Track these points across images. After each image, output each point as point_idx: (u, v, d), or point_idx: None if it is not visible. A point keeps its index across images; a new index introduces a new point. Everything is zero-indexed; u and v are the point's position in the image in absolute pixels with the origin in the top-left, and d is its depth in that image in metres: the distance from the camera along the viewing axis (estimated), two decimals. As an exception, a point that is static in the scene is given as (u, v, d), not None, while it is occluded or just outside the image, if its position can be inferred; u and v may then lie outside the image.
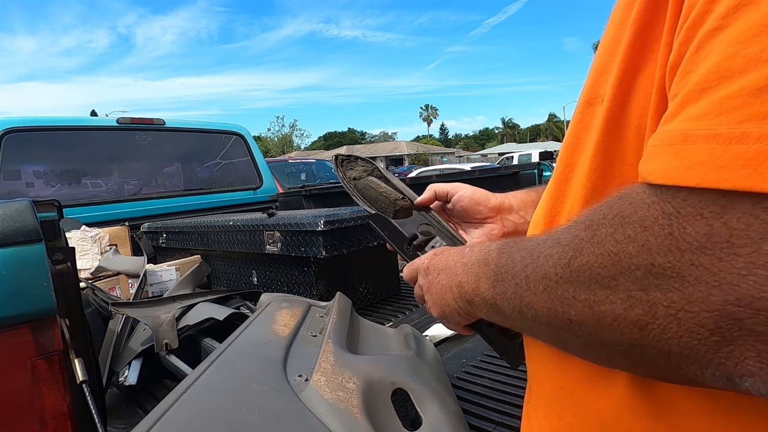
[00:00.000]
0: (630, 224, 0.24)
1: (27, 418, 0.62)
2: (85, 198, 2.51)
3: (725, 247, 0.20)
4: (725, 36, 0.22)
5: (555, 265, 0.28)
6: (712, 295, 0.21)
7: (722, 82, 0.21)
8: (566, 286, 0.27)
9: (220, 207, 2.91)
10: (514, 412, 0.80)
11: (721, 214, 0.21)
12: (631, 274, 0.23)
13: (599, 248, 0.25)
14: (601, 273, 0.25)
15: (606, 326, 0.25)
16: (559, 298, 0.28)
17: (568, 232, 0.28)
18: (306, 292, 1.44)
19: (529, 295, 0.30)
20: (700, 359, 0.22)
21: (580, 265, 0.26)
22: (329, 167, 7.46)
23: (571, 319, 0.27)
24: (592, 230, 0.26)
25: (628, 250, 0.24)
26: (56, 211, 0.85)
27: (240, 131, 3.19)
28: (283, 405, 0.58)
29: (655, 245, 0.23)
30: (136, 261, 1.78)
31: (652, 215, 0.23)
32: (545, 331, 0.31)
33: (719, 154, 0.21)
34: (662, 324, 0.23)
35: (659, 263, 0.22)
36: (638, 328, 0.24)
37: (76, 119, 2.57)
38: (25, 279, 0.60)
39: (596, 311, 0.25)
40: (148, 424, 0.50)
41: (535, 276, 0.30)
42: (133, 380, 1.03)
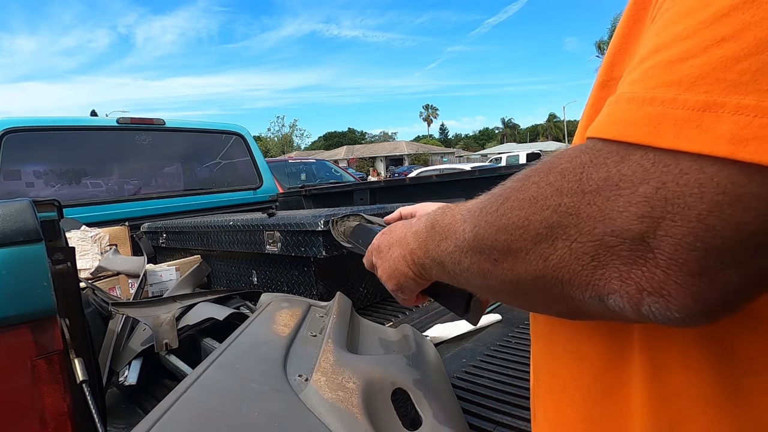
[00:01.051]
0: (553, 172, 0.27)
1: (27, 418, 0.62)
2: (85, 198, 2.51)
3: (614, 189, 0.24)
4: (666, 16, 0.25)
5: (487, 213, 0.32)
6: (596, 228, 0.25)
7: (653, 54, 0.25)
8: (491, 230, 0.31)
9: (220, 207, 2.91)
10: (514, 412, 0.80)
11: (618, 163, 0.24)
12: (541, 213, 0.27)
13: (523, 194, 0.29)
14: (519, 214, 0.28)
15: (519, 261, 0.29)
16: (485, 240, 0.31)
17: (502, 186, 0.32)
18: (306, 292, 1.44)
19: (465, 244, 0.34)
20: (581, 282, 0.26)
21: (506, 210, 0.30)
22: (329, 167, 7.46)
23: (496, 258, 0.31)
24: (521, 181, 0.30)
25: (545, 194, 0.27)
26: (56, 211, 0.85)
27: (240, 131, 3.19)
28: (283, 405, 0.58)
29: (566, 189, 0.26)
30: (136, 261, 1.78)
31: (572, 166, 0.26)
32: (476, 277, 0.35)
33: (633, 112, 0.24)
34: (560, 255, 0.27)
35: (565, 203, 0.26)
36: (542, 259, 0.28)
37: (76, 119, 2.57)
38: (25, 279, 0.60)
39: (513, 248, 0.29)
40: (148, 424, 0.50)
41: (469, 226, 0.34)
42: (133, 380, 1.03)
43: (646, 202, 0.23)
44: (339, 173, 7.25)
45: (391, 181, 2.72)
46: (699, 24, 0.23)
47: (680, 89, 0.23)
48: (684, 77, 0.23)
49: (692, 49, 0.23)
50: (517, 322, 1.22)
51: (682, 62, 0.23)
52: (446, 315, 1.34)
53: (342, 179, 6.60)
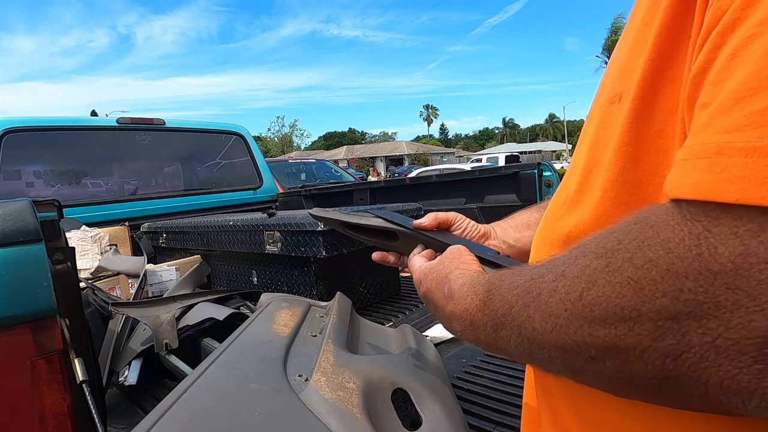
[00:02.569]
0: (651, 247, 0.22)
1: (27, 417, 0.62)
2: (85, 198, 2.51)
3: (764, 269, 0.19)
4: (762, 43, 0.21)
5: (563, 301, 0.26)
6: (754, 321, 0.19)
7: (759, 92, 0.20)
8: (579, 323, 0.25)
9: (220, 207, 2.91)
10: (514, 412, 0.80)
11: (758, 233, 0.19)
12: (655, 302, 0.21)
13: (615, 276, 0.23)
14: (620, 304, 0.23)
15: (633, 361, 0.23)
16: (572, 337, 0.25)
17: (575, 264, 0.26)
18: (306, 292, 1.44)
19: (537, 337, 0.28)
20: (742, 390, 0.20)
21: (594, 298, 0.24)
22: (329, 167, 7.46)
23: (593, 356, 0.25)
24: (605, 258, 0.24)
25: (650, 276, 0.22)
26: (56, 211, 0.85)
27: (240, 131, 3.19)
28: (283, 405, 0.58)
29: (683, 269, 0.21)
30: (136, 261, 1.78)
31: (678, 236, 0.21)
32: (562, 371, 0.29)
33: (761, 168, 0.19)
34: (698, 353, 0.21)
35: (689, 288, 0.20)
36: (671, 359, 0.21)
37: (76, 119, 2.57)
38: (25, 279, 0.60)
39: (620, 345, 0.23)
40: (148, 424, 0.50)
41: (540, 316, 0.27)
42: (133, 380, 1.03)
43: None
44: (339, 173, 7.25)
45: (391, 181, 2.72)
46: None
47: None
48: None
49: None
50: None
51: None
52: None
53: (342, 179, 6.60)
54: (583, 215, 0.34)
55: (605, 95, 0.35)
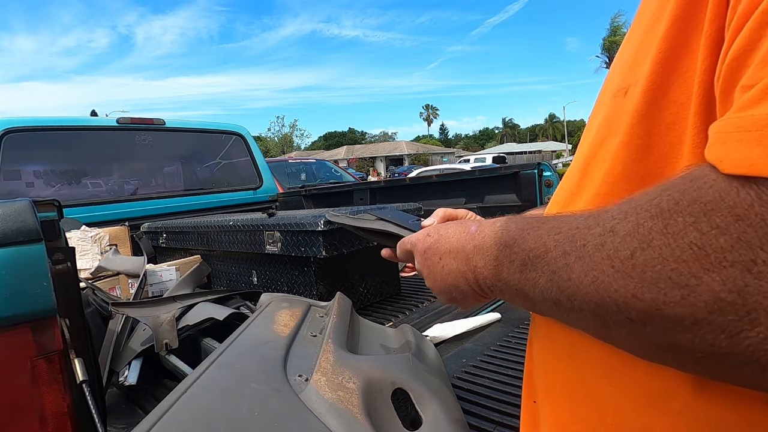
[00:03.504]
0: (717, 212, 0.21)
1: (27, 418, 0.62)
2: (85, 198, 2.51)
3: None
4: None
5: (610, 257, 0.24)
6: None
7: None
8: (624, 282, 0.23)
9: (220, 207, 2.91)
10: (514, 412, 0.80)
11: None
12: (722, 271, 0.20)
13: (676, 240, 0.22)
14: (678, 269, 0.21)
15: (681, 331, 0.22)
16: (613, 295, 0.24)
17: (626, 221, 0.24)
18: (306, 292, 1.44)
19: (571, 287, 0.27)
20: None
21: (649, 260, 0.22)
22: (329, 167, 7.46)
23: (632, 318, 0.24)
24: (662, 219, 0.23)
25: (718, 243, 0.20)
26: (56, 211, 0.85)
27: (240, 131, 3.19)
28: (283, 405, 0.58)
29: (756, 238, 0.19)
30: (136, 261, 1.78)
31: (746, 201, 0.20)
32: (590, 325, 0.28)
33: None
34: (763, 332, 0.19)
35: (763, 260, 0.19)
36: (727, 335, 0.20)
37: (76, 119, 2.57)
38: (25, 279, 0.60)
39: (668, 313, 0.22)
40: (148, 424, 0.50)
41: (580, 267, 0.26)
42: (133, 380, 1.03)
43: None
44: (339, 173, 7.25)
45: (391, 181, 2.72)
46: None
47: None
48: None
49: None
50: (517, 322, 1.22)
51: None
52: (446, 315, 1.34)
53: (342, 179, 6.60)
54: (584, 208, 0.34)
55: (610, 89, 0.35)
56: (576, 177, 0.37)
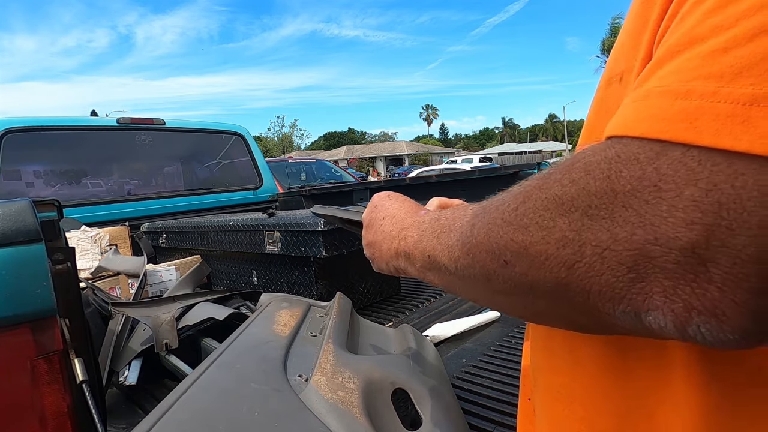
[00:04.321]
0: (576, 170, 0.25)
1: (27, 418, 0.62)
2: (85, 198, 2.51)
3: (653, 191, 0.21)
4: (700, 8, 0.24)
5: (503, 212, 0.29)
6: (635, 235, 0.22)
7: (686, 48, 0.23)
8: (507, 229, 0.28)
9: (220, 207, 2.91)
10: (514, 412, 0.80)
11: (654, 160, 0.22)
12: (569, 215, 0.25)
13: (546, 192, 0.26)
14: (543, 215, 0.26)
15: (537, 266, 0.26)
16: (498, 241, 0.29)
17: (522, 184, 0.29)
18: (306, 292, 1.44)
19: (471, 242, 0.31)
20: (615, 296, 0.23)
21: (526, 209, 0.27)
22: (329, 167, 7.46)
23: (507, 260, 0.28)
24: (543, 179, 0.27)
25: (570, 193, 0.25)
26: (56, 211, 0.85)
27: (240, 131, 3.19)
28: (283, 405, 0.58)
29: (594, 188, 0.24)
30: (136, 261, 1.78)
31: (596, 160, 0.24)
32: (477, 279, 0.32)
33: (666, 107, 0.22)
34: (588, 262, 0.24)
35: (595, 205, 0.23)
36: (566, 267, 0.25)
37: (76, 119, 2.57)
38: (25, 279, 0.60)
39: (531, 251, 0.26)
40: (148, 424, 0.50)
41: (482, 223, 0.31)
42: (133, 380, 1.03)
43: (695, 206, 0.20)
44: (339, 173, 7.25)
45: (391, 181, 2.72)
46: (742, 12, 0.21)
47: (722, 82, 0.21)
48: (726, 69, 0.21)
49: (735, 38, 0.21)
50: (517, 322, 1.22)
51: (723, 53, 0.21)
52: (446, 315, 1.34)
53: (342, 179, 6.60)
54: None
55: (604, 76, 0.35)
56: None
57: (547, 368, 0.39)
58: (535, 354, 0.42)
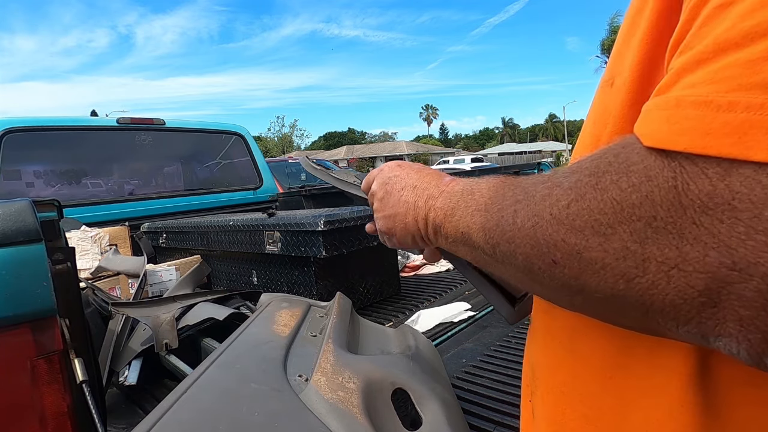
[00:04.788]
0: (635, 173, 0.23)
1: (27, 418, 0.62)
2: (85, 198, 2.51)
3: (727, 210, 0.20)
4: (728, 13, 0.22)
5: (552, 206, 0.27)
6: (709, 257, 0.20)
7: (719, 54, 0.22)
8: (558, 227, 0.26)
9: (220, 207, 2.91)
10: (514, 412, 0.80)
11: (724, 177, 0.20)
12: (630, 224, 0.23)
13: (603, 194, 0.24)
14: (599, 220, 0.24)
15: (591, 274, 0.25)
16: (546, 238, 0.27)
17: (571, 177, 0.27)
18: (306, 292, 1.44)
19: (513, 230, 0.30)
20: (680, 317, 0.22)
21: (580, 210, 0.25)
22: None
23: (556, 260, 0.27)
24: (596, 176, 0.25)
25: (631, 200, 0.23)
26: (56, 211, 0.85)
27: (240, 131, 3.19)
28: (283, 405, 0.58)
29: (659, 198, 0.22)
30: (136, 261, 1.78)
31: (657, 165, 0.23)
32: (517, 268, 0.31)
33: (708, 120, 0.21)
34: (651, 279, 0.22)
35: (662, 217, 0.22)
36: (625, 280, 0.23)
37: (76, 119, 2.57)
38: (25, 279, 0.60)
39: (585, 257, 0.25)
40: (148, 424, 0.50)
41: (525, 212, 0.29)
42: (133, 380, 1.03)
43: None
44: (339, 173, 7.23)
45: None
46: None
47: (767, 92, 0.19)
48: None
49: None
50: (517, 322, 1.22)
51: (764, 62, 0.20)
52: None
53: (342, 179, 6.59)
54: None
55: (604, 77, 0.35)
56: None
57: (547, 367, 0.39)
58: (536, 353, 0.42)
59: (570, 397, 0.36)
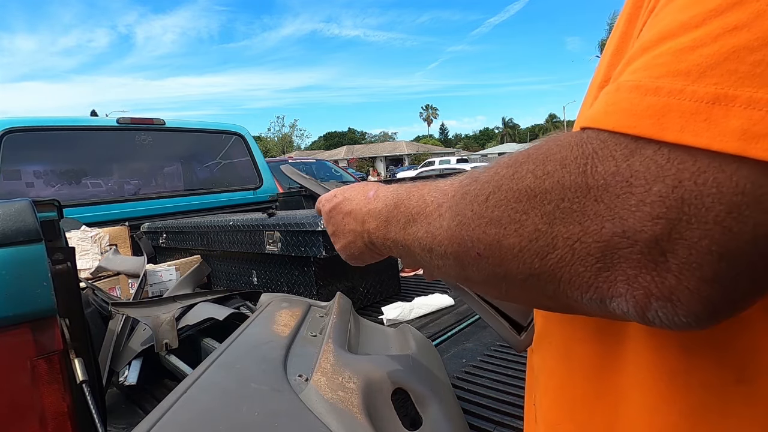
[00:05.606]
0: (551, 162, 0.25)
1: (27, 418, 0.62)
2: (85, 198, 2.51)
3: (624, 186, 0.22)
4: (672, 5, 0.24)
5: (472, 202, 0.29)
6: (605, 228, 0.23)
7: (658, 43, 0.24)
8: (479, 221, 0.28)
9: (220, 207, 2.91)
10: (514, 412, 0.80)
11: (628, 157, 0.23)
12: (542, 208, 0.25)
13: (518, 183, 0.26)
14: (515, 207, 0.26)
15: (510, 258, 0.27)
16: (470, 233, 0.29)
17: (488, 171, 0.29)
18: (306, 292, 1.44)
19: (441, 233, 0.32)
20: (582, 284, 0.25)
21: (497, 201, 0.27)
22: (329, 167, 7.46)
23: (480, 253, 0.28)
24: (514, 168, 0.27)
25: (544, 186, 0.25)
26: (56, 211, 0.85)
27: (240, 131, 3.19)
28: (283, 405, 0.58)
29: (569, 182, 0.24)
30: (136, 261, 1.78)
31: (573, 154, 0.24)
32: (451, 267, 0.32)
33: (636, 102, 0.23)
34: (560, 254, 0.25)
35: (569, 198, 0.24)
36: (539, 258, 0.26)
37: (76, 119, 2.57)
38: (25, 279, 0.60)
39: (504, 244, 0.27)
40: (148, 424, 0.50)
41: (449, 214, 0.31)
42: (133, 380, 1.03)
43: (662, 201, 0.21)
44: (339, 173, 7.26)
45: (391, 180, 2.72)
46: (710, 11, 0.22)
47: (688, 80, 0.21)
48: (693, 67, 0.21)
49: (702, 37, 0.22)
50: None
51: (690, 51, 0.22)
52: (446, 315, 1.34)
53: (342, 179, 6.61)
54: None
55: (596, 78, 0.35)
56: None
57: (545, 371, 0.40)
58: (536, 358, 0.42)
59: (564, 400, 0.36)
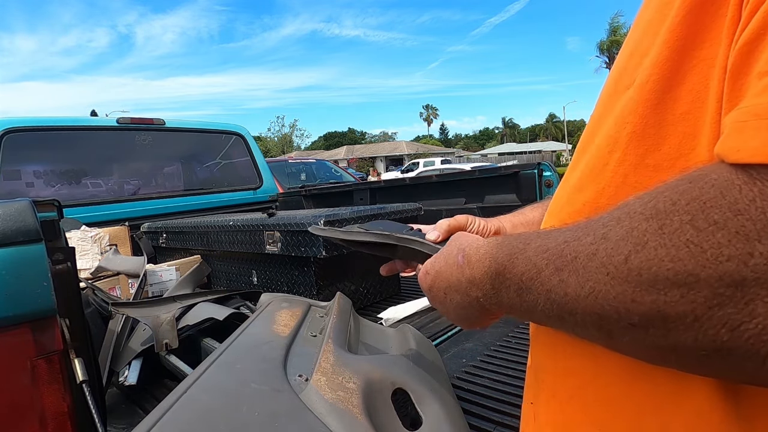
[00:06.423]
0: (715, 208, 0.20)
1: (27, 418, 0.62)
2: (85, 198, 2.51)
3: None
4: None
5: (604, 265, 0.24)
6: None
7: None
8: (622, 288, 0.23)
9: (220, 207, 2.91)
10: (514, 412, 0.80)
11: None
12: (718, 267, 0.20)
13: (671, 239, 0.21)
14: (674, 268, 0.21)
15: (682, 330, 0.22)
16: (612, 303, 0.24)
17: (619, 226, 0.24)
18: (306, 292, 1.44)
19: (569, 303, 0.27)
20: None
21: (643, 261, 0.22)
22: (329, 167, 7.46)
23: (634, 323, 0.23)
24: (657, 220, 0.22)
25: (715, 240, 0.20)
26: (56, 211, 0.85)
27: (240, 131, 3.19)
28: (283, 405, 0.58)
29: (754, 231, 0.19)
30: (136, 261, 1.78)
31: (748, 197, 0.20)
32: (593, 335, 0.27)
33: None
34: (762, 323, 0.19)
35: (760, 252, 0.19)
36: (727, 329, 0.20)
37: (76, 119, 2.57)
38: (25, 279, 0.60)
39: (669, 313, 0.22)
40: (148, 424, 0.50)
41: (575, 281, 0.26)
42: (133, 380, 1.03)
43: None
44: (339, 173, 7.25)
45: (391, 181, 2.72)
46: None
47: None
48: None
49: None
50: (517, 321, 1.22)
51: None
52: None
53: (342, 179, 6.61)
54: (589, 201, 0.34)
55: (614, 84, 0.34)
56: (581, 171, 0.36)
57: (555, 371, 0.38)
58: (542, 358, 0.41)
59: (584, 401, 0.35)
